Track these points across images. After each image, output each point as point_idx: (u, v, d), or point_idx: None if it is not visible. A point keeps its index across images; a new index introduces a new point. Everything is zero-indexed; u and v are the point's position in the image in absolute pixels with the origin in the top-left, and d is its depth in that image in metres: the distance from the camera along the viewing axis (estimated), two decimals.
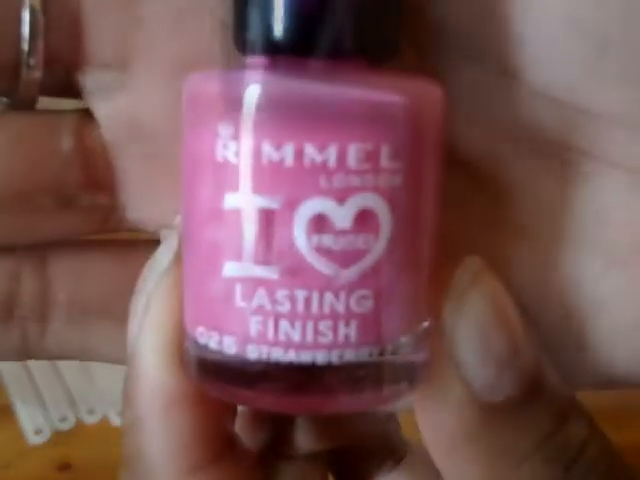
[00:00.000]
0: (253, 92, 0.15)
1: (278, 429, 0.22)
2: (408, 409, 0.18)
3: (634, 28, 0.16)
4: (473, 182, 0.19)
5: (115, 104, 0.19)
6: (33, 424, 0.59)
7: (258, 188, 0.15)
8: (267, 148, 0.15)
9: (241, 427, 0.20)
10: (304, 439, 0.22)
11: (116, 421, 0.61)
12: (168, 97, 0.18)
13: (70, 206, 0.19)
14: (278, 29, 0.15)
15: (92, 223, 0.20)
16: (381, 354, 0.16)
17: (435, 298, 0.17)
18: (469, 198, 0.19)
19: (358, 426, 0.23)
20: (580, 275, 0.19)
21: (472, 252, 0.19)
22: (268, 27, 0.15)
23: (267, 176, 0.15)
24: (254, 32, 0.16)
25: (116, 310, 0.19)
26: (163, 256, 0.18)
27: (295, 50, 0.15)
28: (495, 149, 0.19)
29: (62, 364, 0.62)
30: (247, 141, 0.15)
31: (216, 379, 0.16)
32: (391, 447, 0.24)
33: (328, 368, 0.15)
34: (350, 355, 0.15)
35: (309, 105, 0.15)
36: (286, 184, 0.15)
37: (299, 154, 0.14)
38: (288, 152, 0.14)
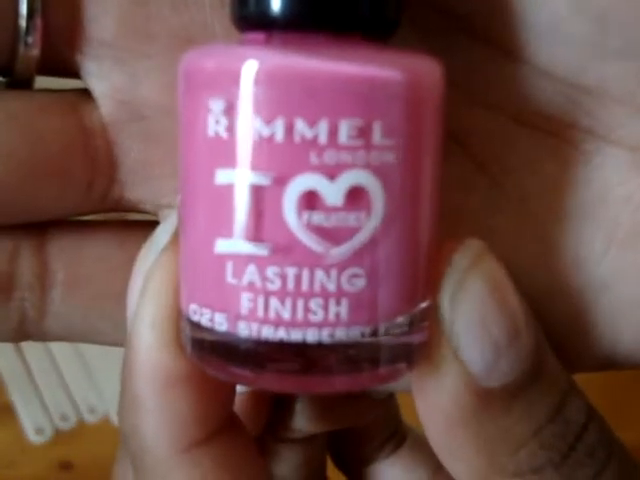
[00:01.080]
0: (244, 67, 0.14)
1: (277, 412, 0.21)
2: (407, 391, 0.18)
3: (634, 4, 0.16)
4: (475, 162, 0.19)
5: (114, 83, 0.19)
6: (34, 423, 0.60)
7: (248, 164, 0.15)
8: (258, 123, 0.14)
9: (240, 410, 0.20)
10: (303, 422, 0.21)
11: (117, 420, 0.61)
12: (167, 76, 0.18)
13: (70, 185, 0.19)
14: (273, 4, 0.15)
15: (91, 202, 0.20)
16: (374, 334, 0.15)
17: (435, 279, 0.17)
18: (471, 178, 0.19)
19: (357, 409, 0.23)
20: (582, 255, 0.19)
21: (474, 232, 0.19)
22: (264, 2, 0.15)
23: (257, 151, 0.15)
24: (250, 8, 0.16)
25: (116, 290, 0.19)
26: (162, 235, 0.18)
27: (291, 25, 0.15)
28: (497, 128, 0.19)
29: (63, 364, 0.63)
30: (238, 116, 0.15)
31: (209, 357, 0.16)
32: (391, 431, 0.24)
33: (322, 347, 0.15)
34: (341, 334, 0.15)
35: (301, 80, 0.14)
36: (276, 160, 0.15)
37: (289, 129, 0.14)
38: (278, 127, 0.14)
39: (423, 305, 0.16)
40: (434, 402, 0.17)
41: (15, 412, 0.60)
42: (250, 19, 0.16)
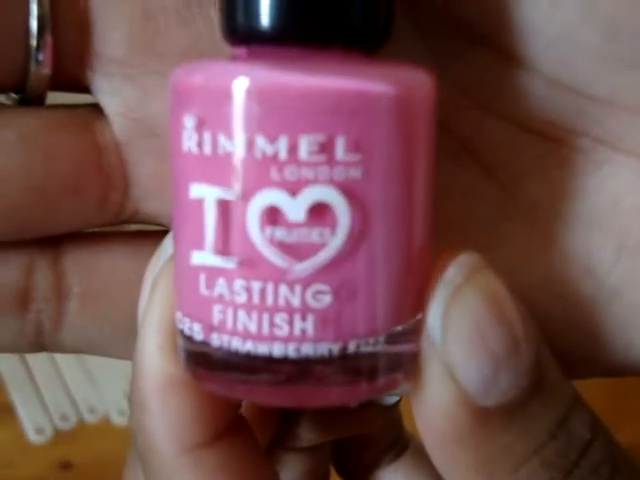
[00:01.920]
0: (210, 85, 0.15)
1: (284, 422, 0.22)
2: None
3: None
4: (484, 169, 0.19)
5: (125, 101, 0.19)
6: (34, 423, 0.60)
7: (215, 179, 0.15)
8: (222, 139, 0.15)
9: (251, 413, 0.20)
10: (310, 431, 0.21)
11: (117, 420, 0.62)
12: None
13: (84, 201, 0.19)
14: (246, 19, 0.15)
15: (105, 216, 0.20)
16: (343, 350, 0.15)
17: (427, 294, 0.16)
18: (480, 186, 0.19)
19: (364, 417, 0.22)
20: (593, 263, 0.18)
21: (482, 240, 0.18)
22: (245, 17, 0.15)
23: (223, 167, 0.15)
24: (233, 22, 0.16)
25: (130, 302, 0.19)
26: (169, 244, 0.18)
27: (265, 40, 0.15)
28: (506, 136, 0.18)
29: (63, 363, 0.64)
30: (205, 133, 0.15)
31: (194, 365, 0.17)
32: (393, 439, 0.23)
33: (289, 362, 0.15)
34: (308, 349, 0.15)
35: (267, 96, 0.14)
36: (239, 175, 0.15)
37: (251, 145, 0.14)
38: (240, 143, 0.15)
39: (414, 320, 0.16)
40: (429, 421, 0.17)
41: (15, 412, 0.61)
42: (229, 34, 0.16)
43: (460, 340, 0.16)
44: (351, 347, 0.15)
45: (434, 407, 0.16)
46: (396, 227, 0.15)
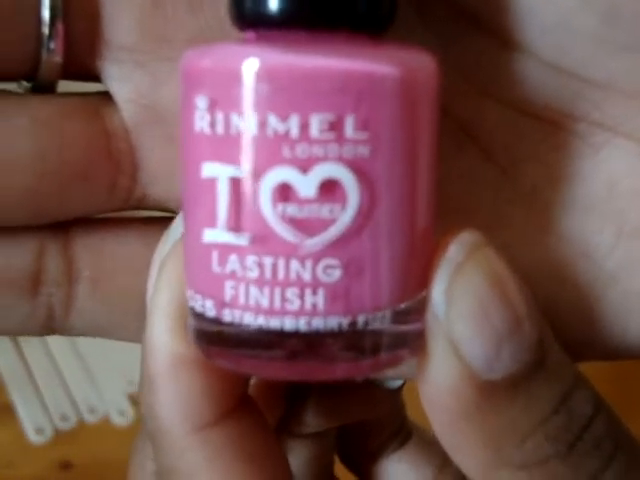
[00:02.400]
0: (221, 66, 0.15)
1: (290, 407, 0.22)
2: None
3: None
4: (485, 153, 0.19)
5: (135, 88, 0.20)
6: (34, 423, 0.60)
7: (227, 157, 0.15)
8: (235, 118, 0.15)
9: (258, 393, 0.21)
10: (316, 416, 0.22)
11: (117, 420, 0.61)
12: None
13: (94, 187, 0.20)
14: (255, 3, 0.16)
15: (114, 202, 0.21)
16: (352, 325, 0.16)
17: (430, 272, 0.17)
18: (481, 169, 0.19)
19: (368, 401, 0.23)
20: (591, 247, 0.19)
21: (484, 222, 0.19)
22: (253, 2, 0.16)
23: (234, 146, 0.15)
24: (241, 8, 0.16)
25: (139, 286, 0.20)
26: (177, 227, 0.19)
27: (272, 24, 0.16)
28: (505, 120, 0.19)
29: (63, 364, 0.64)
30: (217, 112, 0.15)
31: (205, 342, 0.17)
32: (397, 426, 0.24)
33: (300, 335, 0.16)
34: (318, 323, 0.16)
35: (276, 76, 0.15)
36: (252, 154, 0.15)
37: (263, 124, 0.15)
38: (252, 122, 0.15)
39: (418, 297, 0.17)
40: (435, 398, 0.17)
41: (15, 412, 0.61)
42: (238, 19, 0.16)
43: (464, 317, 0.16)
44: (360, 321, 0.16)
45: (440, 384, 0.17)
46: (401, 205, 0.16)
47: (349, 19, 0.16)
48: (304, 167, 0.15)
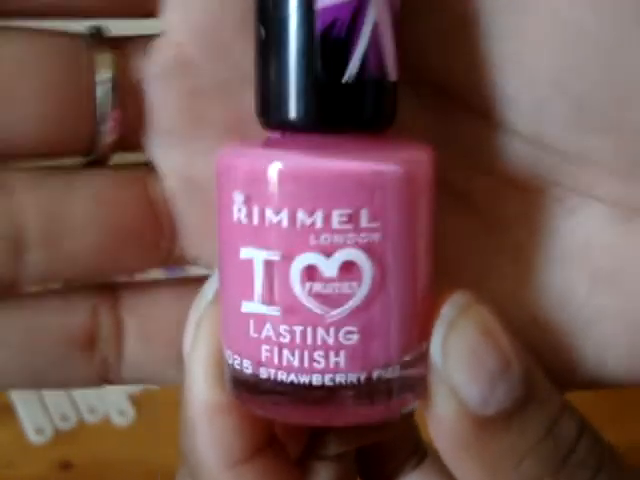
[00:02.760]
0: (257, 168, 0.18)
1: (314, 433, 0.25)
2: None
3: (610, 88, 0.19)
4: (474, 216, 0.22)
5: (175, 162, 0.23)
6: (34, 423, 0.61)
7: (262, 243, 0.18)
8: (269, 213, 0.18)
9: (284, 431, 0.24)
10: (335, 439, 0.25)
11: (117, 420, 0.62)
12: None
13: (142, 248, 0.23)
14: (280, 110, 0.19)
15: (157, 260, 0.24)
16: (368, 379, 0.19)
17: (430, 327, 0.20)
18: (470, 229, 0.22)
19: (379, 427, 0.26)
20: (569, 295, 0.21)
21: (476, 274, 0.22)
22: (274, 108, 0.19)
23: (269, 235, 0.18)
24: (266, 113, 0.19)
25: (179, 339, 0.23)
26: (208, 290, 0.22)
27: (297, 128, 0.19)
28: (492, 187, 0.22)
29: None
30: (254, 207, 0.18)
31: (242, 393, 0.20)
32: (412, 447, 0.27)
33: (325, 388, 0.19)
34: (341, 378, 0.19)
35: (303, 177, 0.18)
36: (283, 241, 0.18)
37: (293, 217, 0.18)
38: (284, 216, 0.18)
39: (421, 348, 0.20)
40: (439, 432, 0.20)
41: (15, 412, 0.62)
42: (264, 123, 0.19)
43: (459, 364, 0.19)
44: (374, 375, 0.19)
45: (442, 421, 0.20)
46: (405, 276, 0.19)
47: (357, 124, 0.19)
48: (327, 252, 0.18)
